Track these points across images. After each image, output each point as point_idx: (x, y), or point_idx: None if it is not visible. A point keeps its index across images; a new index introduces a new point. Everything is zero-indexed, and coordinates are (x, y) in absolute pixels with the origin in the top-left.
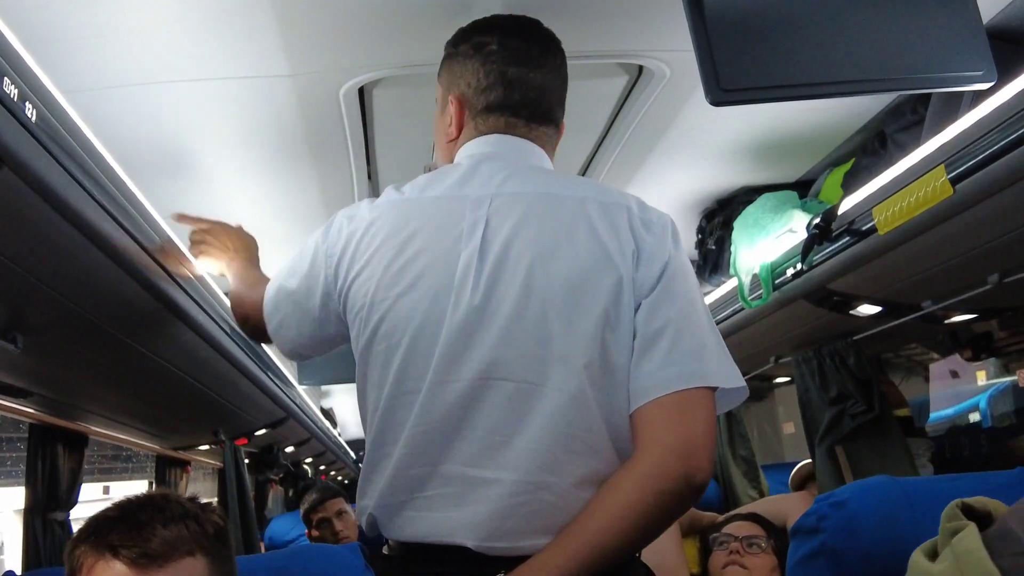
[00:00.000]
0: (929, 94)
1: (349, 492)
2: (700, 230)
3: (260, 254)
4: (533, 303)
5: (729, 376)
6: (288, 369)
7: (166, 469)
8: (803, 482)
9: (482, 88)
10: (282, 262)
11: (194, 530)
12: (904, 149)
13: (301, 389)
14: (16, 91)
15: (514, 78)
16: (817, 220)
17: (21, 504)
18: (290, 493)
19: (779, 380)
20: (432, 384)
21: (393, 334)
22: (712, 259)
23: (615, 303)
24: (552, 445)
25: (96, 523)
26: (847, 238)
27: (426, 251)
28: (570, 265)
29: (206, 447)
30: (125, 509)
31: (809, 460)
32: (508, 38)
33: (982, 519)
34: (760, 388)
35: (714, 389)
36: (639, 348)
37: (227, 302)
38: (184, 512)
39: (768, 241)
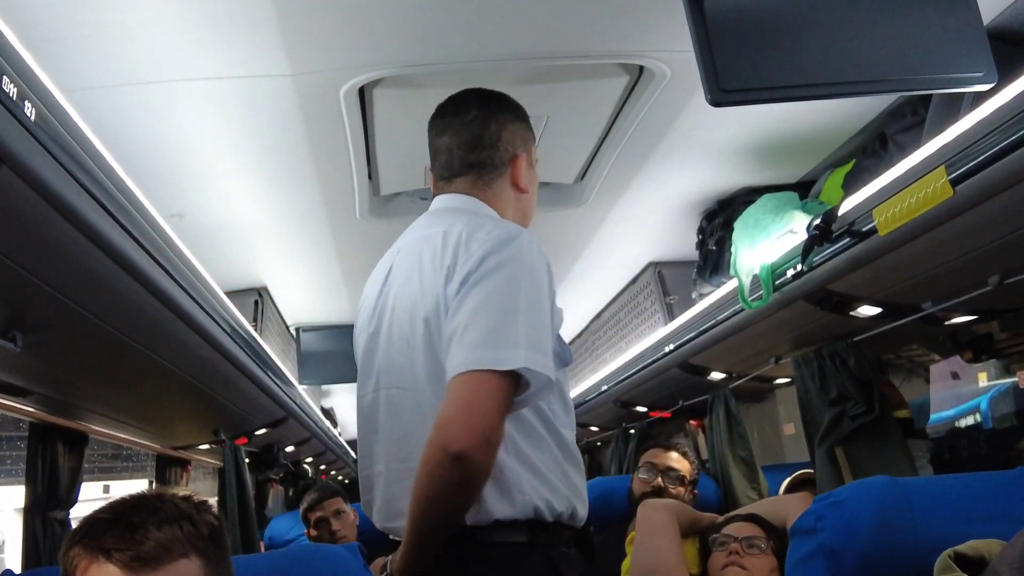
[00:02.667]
0: (930, 95)
1: (349, 492)
2: (700, 230)
3: (260, 255)
4: (395, 324)
5: (501, 359)
6: (288, 368)
7: (166, 468)
8: (794, 490)
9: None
10: (282, 263)
11: (188, 531)
12: (905, 150)
13: (301, 389)
14: (15, 90)
15: (433, 150)
16: (817, 221)
17: (21, 503)
18: (290, 493)
19: (779, 381)
20: (358, 398)
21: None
22: (712, 260)
23: (436, 317)
24: (412, 436)
25: (89, 525)
26: (847, 239)
27: (368, 291)
28: (414, 291)
29: (206, 446)
30: (118, 511)
31: (802, 471)
32: (435, 118)
33: (975, 564)
34: (760, 389)
35: (501, 374)
36: (443, 350)
37: (227, 301)
38: (178, 513)
39: (768, 242)
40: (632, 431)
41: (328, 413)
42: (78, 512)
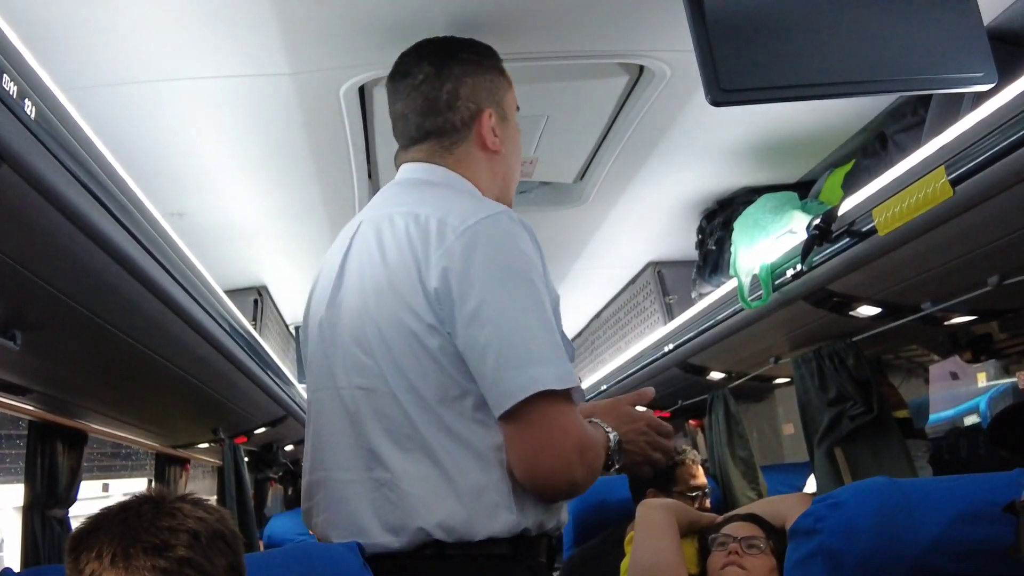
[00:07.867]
0: (930, 95)
1: None
2: (700, 230)
3: (260, 253)
4: (354, 319)
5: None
6: (288, 367)
7: (165, 467)
8: None
9: None
10: (282, 262)
11: (195, 535)
12: (905, 150)
13: (300, 387)
14: (16, 88)
15: (391, 116)
16: (817, 221)
17: (20, 501)
18: (289, 491)
19: (779, 381)
20: (310, 393)
21: None
22: (712, 259)
23: (417, 318)
24: (372, 443)
25: (94, 524)
26: (847, 239)
27: (325, 272)
28: (380, 285)
29: (205, 445)
30: (119, 514)
31: None
32: (388, 81)
33: None
34: (760, 389)
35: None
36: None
37: (227, 300)
38: (189, 517)
39: (768, 242)
40: None
41: None
42: (77, 510)
